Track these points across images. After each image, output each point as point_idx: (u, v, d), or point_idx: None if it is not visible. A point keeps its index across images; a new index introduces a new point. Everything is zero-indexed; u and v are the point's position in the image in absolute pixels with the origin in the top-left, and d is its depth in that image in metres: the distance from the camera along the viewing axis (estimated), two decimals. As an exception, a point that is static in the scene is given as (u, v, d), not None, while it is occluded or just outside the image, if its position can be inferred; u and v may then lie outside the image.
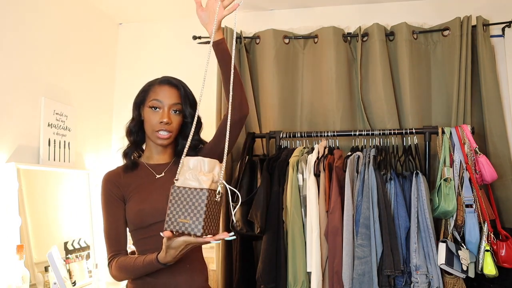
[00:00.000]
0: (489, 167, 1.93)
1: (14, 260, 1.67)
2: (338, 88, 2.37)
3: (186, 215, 1.06)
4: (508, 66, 2.32)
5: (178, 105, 1.38)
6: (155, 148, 1.42)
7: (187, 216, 1.06)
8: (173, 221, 1.07)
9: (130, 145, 1.44)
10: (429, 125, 2.30)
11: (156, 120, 1.35)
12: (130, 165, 1.41)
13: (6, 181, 1.79)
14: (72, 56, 2.36)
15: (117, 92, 2.81)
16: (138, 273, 1.29)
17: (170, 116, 1.36)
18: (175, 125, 1.38)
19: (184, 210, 1.06)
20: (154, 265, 1.21)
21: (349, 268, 1.85)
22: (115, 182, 1.38)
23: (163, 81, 1.42)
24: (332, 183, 1.95)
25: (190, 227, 1.05)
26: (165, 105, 1.36)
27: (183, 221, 1.06)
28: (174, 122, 1.37)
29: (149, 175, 1.39)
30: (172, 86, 1.40)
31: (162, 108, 1.36)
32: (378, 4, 2.53)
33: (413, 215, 1.88)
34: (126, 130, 1.45)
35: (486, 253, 1.85)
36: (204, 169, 1.11)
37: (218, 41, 1.38)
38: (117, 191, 1.36)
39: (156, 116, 1.35)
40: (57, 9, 2.23)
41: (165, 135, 1.35)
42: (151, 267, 1.23)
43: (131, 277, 1.33)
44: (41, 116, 2.07)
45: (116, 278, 1.37)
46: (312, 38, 2.50)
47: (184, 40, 2.67)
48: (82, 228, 2.26)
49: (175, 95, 1.39)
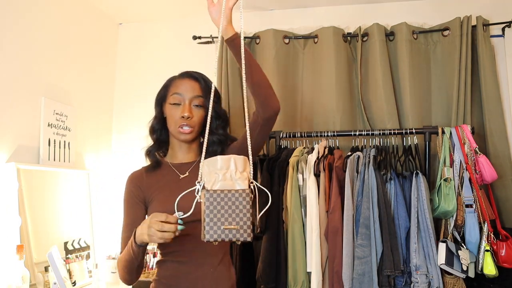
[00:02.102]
0: (489, 167, 1.93)
1: (14, 260, 1.67)
2: (338, 88, 2.37)
3: (231, 220, 0.97)
4: (508, 66, 2.32)
5: (200, 98, 1.33)
6: (179, 146, 1.37)
7: (233, 222, 0.97)
8: (215, 230, 0.97)
9: (153, 143, 1.40)
10: (429, 125, 2.30)
11: (177, 115, 1.31)
12: (153, 165, 1.37)
13: (6, 181, 1.79)
14: (72, 56, 2.36)
15: (117, 92, 2.81)
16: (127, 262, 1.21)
17: (191, 110, 1.31)
18: (197, 119, 1.32)
19: (227, 215, 0.97)
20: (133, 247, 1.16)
21: (349, 268, 1.84)
22: (137, 183, 1.35)
23: (183, 75, 1.39)
24: (332, 183, 1.95)
25: (238, 233, 0.96)
26: (186, 99, 1.32)
27: (229, 228, 0.96)
28: (196, 116, 1.32)
29: (173, 175, 1.35)
30: (192, 79, 1.36)
31: (183, 102, 1.32)
32: (378, 4, 2.52)
33: (413, 215, 1.88)
34: (149, 128, 1.41)
35: (486, 253, 1.85)
36: (239, 168, 1.03)
37: (232, 38, 1.24)
38: (139, 192, 1.33)
39: (177, 110, 1.31)
40: (57, 9, 2.23)
41: (187, 130, 1.30)
42: (129, 245, 1.17)
43: (125, 271, 1.25)
44: (41, 116, 2.07)
45: (121, 278, 1.30)
46: (312, 38, 2.50)
47: (184, 40, 2.67)
48: (82, 228, 2.26)
49: (196, 88, 1.34)
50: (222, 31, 1.21)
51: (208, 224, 0.97)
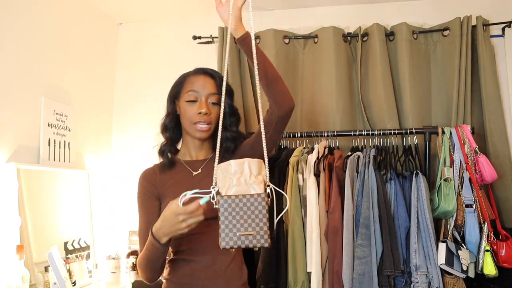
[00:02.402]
0: (489, 167, 1.93)
1: (14, 260, 1.67)
2: (338, 88, 2.37)
3: (247, 226, 0.94)
4: (508, 66, 2.32)
5: (216, 95, 1.31)
6: (193, 143, 1.35)
7: (249, 228, 0.94)
8: (231, 237, 0.94)
9: (166, 142, 1.39)
10: (429, 125, 2.30)
11: (194, 111, 1.29)
12: (167, 164, 1.35)
13: (6, 181, 1.79)
14: (72, 56, 2.36)
15: (117, 92, 2.81)
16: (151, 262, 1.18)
17: (208, 107, 1.29)
18: (214, 116, 1.30)
19: (243, 221, 0.94)
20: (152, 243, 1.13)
21: (349, 268, 1.84)
22: (150, 180, 1.33)
23: (198, 71, 1.37)
24: (332, 183, 1.95)
25: (255, 239, 0.94)
26: (202, 95, 1.30)
27: (246, 234, 0.94)
28: (213, 113, 1.30)
29: (185, 172, 1.33)
30: (208, 76, 1.34)
31: (199, 99, 1.30)
32: (378, 4, 2.52)
33: (413, 215, 1.88)
34: (161, 126, 1.40)
35: (486, 253, 1.85)
36: (254, 172, 1.00)
37: (243, 37, 1.20)
38: (153, 189, 1.31)
39: (193, 107, 1.29)
40: (57, 9, 2.23)
41: (205, 127, 1.29)
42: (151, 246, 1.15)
43: (149, 270, 1.22)
44: (41, 116, 2.07)
45: (145, 279, 1.27)
46: (312, 38, 2.50)
47: (184, 40, 2.67)
48: (82, 228, 2.26)
49: (211, 85, 1.32)
50: (232, 30, 1.18)
51: (223, 231, 0.95)
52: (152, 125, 2.72)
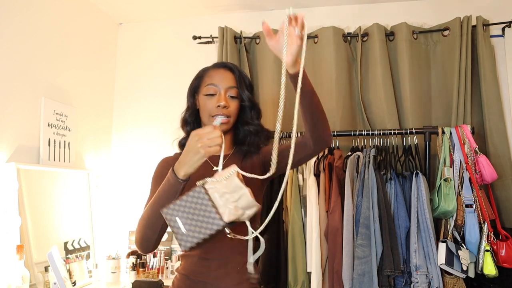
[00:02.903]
0: (489, 167, 1.93)
1: (14, 260, 1.67)
2: (338, 88, 2.37)
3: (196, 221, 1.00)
4: (508, 66, 2.32)
5: (234, 88, 1.31)
6: None
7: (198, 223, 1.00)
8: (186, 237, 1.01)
9: (186, 135, 1.37)
10: (429, 125, 2.30)
11: (212, 104, 1.28)
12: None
13: (6, 181, 1.79)
14: (72, 56, 2.36)
15: (117, 92, 2.81)
16: (154, 207, 1.12)
17: (227, 100, 1.28)
18: (233, 109, 1.29)
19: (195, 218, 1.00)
20: (168, 179, 1.10)
21: (349, 268, 1.85)
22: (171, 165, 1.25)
23: (217, 65, 1.36)
24: (332, 183, 1.95)
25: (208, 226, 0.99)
26: (221, 89, 1.29)
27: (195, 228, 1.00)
28: (232, 106, 1.29)
29: (206, 166, 1.25)
30: (227, 69, 1.33)
31: (218, 92, 1.29)
32: (378, 4, 2.53)
33: (413, 215, 1.88)
34: (182, 120, 1.38)
35: (486, 253, 1.85)
36: (240, 204, 1.02)
37: (296, 73, 1.13)
38: None
39: (212, 101, 1.28)
40: (57, 9, 2.23)
41: (224, 120, 1.26)
42: (166, 183, 1.11)
43: (147, 224, 1.15)
44: (41, 116, 2.07)
45: (140, 241, 1.18)
46: (312, 38, 2.50)
47: (184, 40, 2.67)
48: (82, 228, 2.26)
49: (230, 78, 1.31)
50: (288, 67, 1.14)
51: (177, 237, 1.00)
52: (152, 125, 2.76)
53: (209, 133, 1.05)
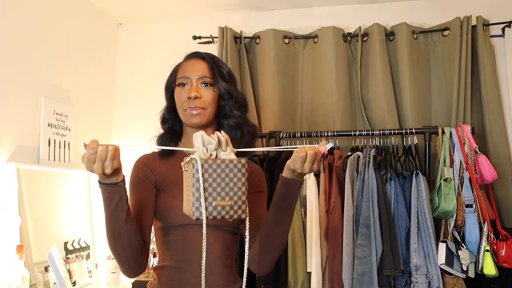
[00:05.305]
0: (489, 167, 1.93)
1: (14, 260, 1.67)
2: (338, 88, 2.37)
3: (224, 195, 0.83)
4: (508, 66, 2.32)
5: (207, 78, 1.22)
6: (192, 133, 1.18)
7: (226, 197, 0.83)
8: (206, 206, 0.83)
9: (165, 133, 1.30)
10: (429, 125, 2.30)
11: (184, 97, 1.20)
12: (167, 151, 1.26)
13: (6, 181, 1.79)
14: (72, 56, 2.36)
15: (117, 92, 2.81)
16: (108, 219, 1.03)
17: (199, 90, 1.19)
18: (208, 99, 1.20)
19: (220, 189, 0.83)
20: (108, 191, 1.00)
21: (349, 268, 1.85)
22: (149, 165, 1.23)
23: (189, 56, 1.30)
24: (332, 183, 1.95)
25: (232, 209, 0.84)
26: (193, 80, 1.22)
27: (223, 204, 0.83)
28: (206, 95, 1.20)
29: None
30: (198, 59, 1.26)
31: (190, 83, 1.22)
32: (378, 4, 2.53)
33: (413, 215, 1.88)
34: (160, 118, 1.32)
35: (486, 253, 1.85)
36: (223, 146, 0.91)
37: (295, 181, 1.12)
38: (150, 174, 1.21)
39: (183, 92, 1.21)
40: (57, 9, 2.23)
41: (196, 111, 1.18)
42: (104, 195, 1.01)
43: (110, 234, 1.05)
44: (41, 116, 2.07)
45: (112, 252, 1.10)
46: (312, 38, 2.50)
47: (184, 40, 2.66)
48: (82, 228, 2.26)
49: (202, 68, 1.23)
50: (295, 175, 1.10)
51: (197, 200, 0.82)
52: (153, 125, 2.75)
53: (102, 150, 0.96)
